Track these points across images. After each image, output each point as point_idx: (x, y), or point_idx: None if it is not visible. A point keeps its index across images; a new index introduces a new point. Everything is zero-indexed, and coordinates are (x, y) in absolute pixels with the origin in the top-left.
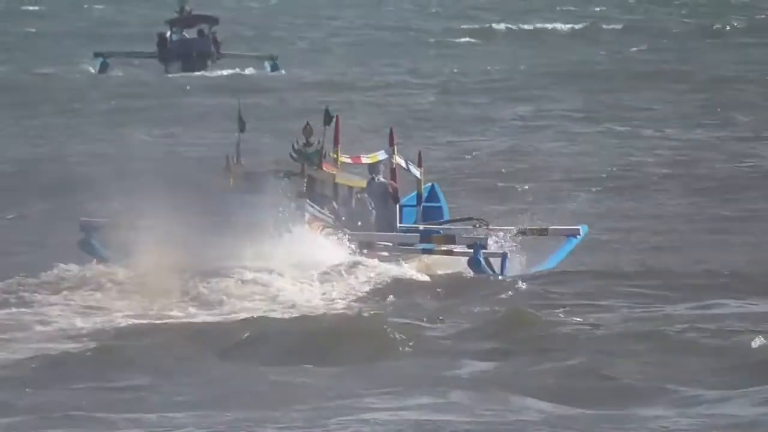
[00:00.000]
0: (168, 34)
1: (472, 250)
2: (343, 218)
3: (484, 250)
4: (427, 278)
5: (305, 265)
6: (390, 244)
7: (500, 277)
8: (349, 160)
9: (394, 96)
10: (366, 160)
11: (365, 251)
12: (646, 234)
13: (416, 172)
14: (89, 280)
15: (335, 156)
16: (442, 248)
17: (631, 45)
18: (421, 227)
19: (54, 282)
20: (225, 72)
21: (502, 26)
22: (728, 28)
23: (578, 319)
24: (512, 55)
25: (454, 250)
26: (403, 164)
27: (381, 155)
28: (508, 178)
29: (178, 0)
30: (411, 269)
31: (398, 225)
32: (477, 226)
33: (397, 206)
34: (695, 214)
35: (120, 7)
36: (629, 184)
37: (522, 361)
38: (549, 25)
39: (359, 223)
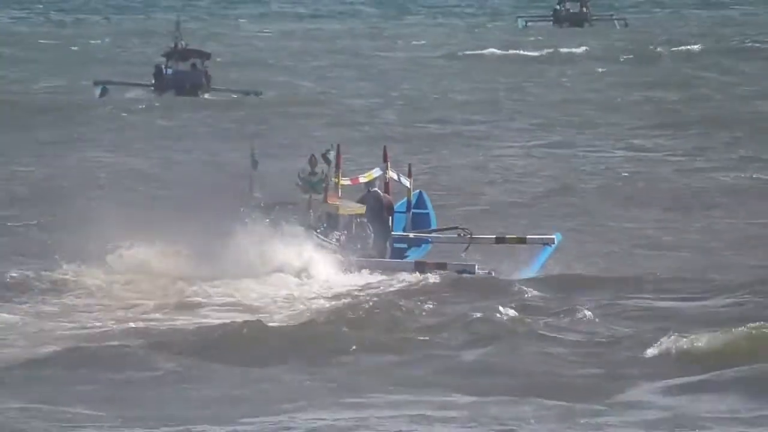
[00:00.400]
0: (163, 66)
1: (461, 274)
2: (346, 242)
3: (471, 275)
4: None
5: (309, 281)
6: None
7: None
8: (348, 182)
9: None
10: (363, 179)
11: (362, 270)
12: (602, 242)
13: (406, 182)
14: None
15: (336, 180)
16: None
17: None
18: (411, 235)
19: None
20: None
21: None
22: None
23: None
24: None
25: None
26: (395, 177)
27: (376, 172)
28: (485, 189)
29: (172, 35)
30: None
31: (391, 233)
32: (461, 234)
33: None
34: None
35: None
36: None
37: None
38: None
39: (359, 245)
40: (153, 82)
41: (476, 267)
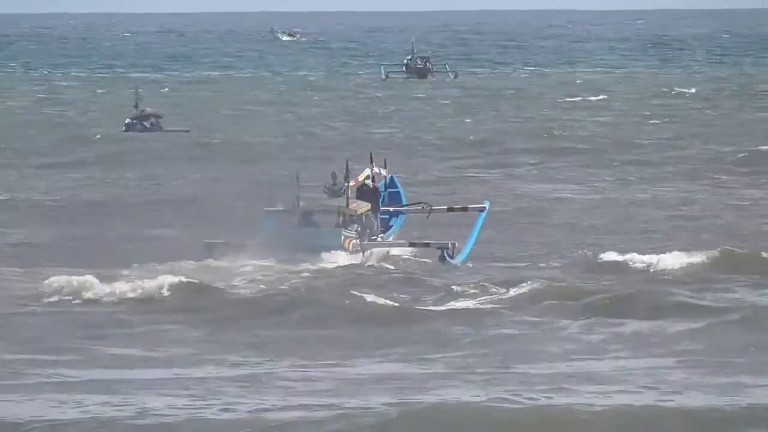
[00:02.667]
0: (131, 122)
1: (440, 250)
2: (361, 232)
3: (446, 249)
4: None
5: (340, 264)
6: (387, 246)
7: (454, 264)
8: (353, 183)
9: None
10: (360, 177)
11: (372, 251)
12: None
13: (383, 171)
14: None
15: (347, 185)
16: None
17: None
18: (392, 209)
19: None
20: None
21: None
22: None
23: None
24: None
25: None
26: (377, 170)
27: (367, 171)
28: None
29: (134, 97)
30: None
31: (380, 209)
32: (424, 207)
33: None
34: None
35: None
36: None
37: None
38: None
39: (368, 231)
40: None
41: (449, 244)
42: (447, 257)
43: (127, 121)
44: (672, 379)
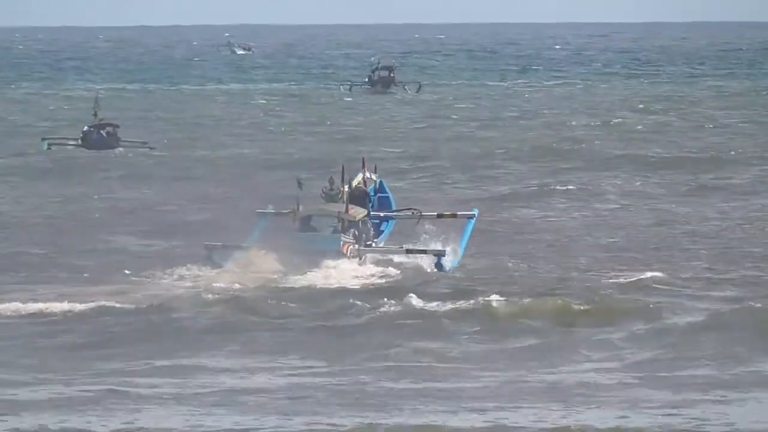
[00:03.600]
0: (88, 131)
1: (437, 257)
2: (357, 237)
3: (443, 257)
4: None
5: (339, 268)
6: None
7: (448, 271)
8: (347, 188)
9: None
10: (354, 182)
11: (367, 256)
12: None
13: (373, 176)
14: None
15: (345, 190)
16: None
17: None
18: (382, 214)
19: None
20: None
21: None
22: None
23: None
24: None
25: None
26: (368, 175)
27: (359, 176)
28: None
29: (93, 105)
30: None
31: (370, 212)
32: (414, 213)
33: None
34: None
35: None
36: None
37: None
38: None
39: (363, 236)
40: (81, 142)
41: (445, 251)
42: (443, 264)
43: (85, 128)
44: None
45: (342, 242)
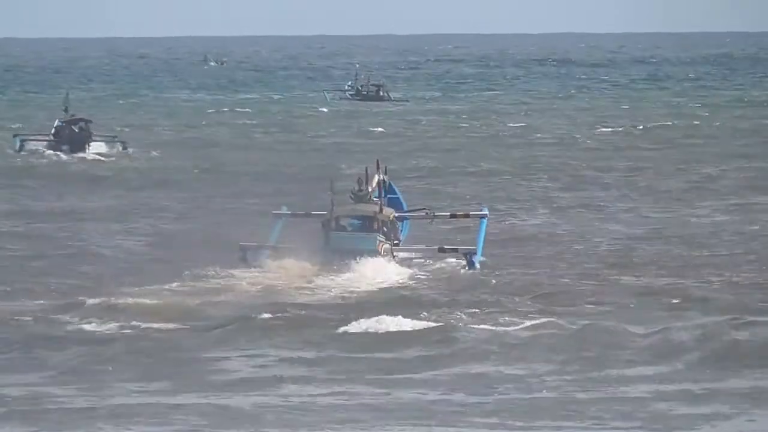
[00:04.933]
0: (59, 125)
1: (467, 255)
2: (390, 235)
3: (474, 255)
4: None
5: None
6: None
7: (473, 270)
8: (370, 188)
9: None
10: (373, 183)
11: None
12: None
13: (385, 178)
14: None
15: (371, 190)
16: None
17: None
18: (397, 214)
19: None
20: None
21: None
22: None
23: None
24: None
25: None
26: (382, 177)
27: (375, 178)
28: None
29: (63, 102)
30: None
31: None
32: (427, 213)
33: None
34: None
35: None
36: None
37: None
38: None
39: (392, 236)
40: (53, 138)
41: (475, 250)
42: (474, 262)
43: (57, 124)
44: None
45: (377, 242)
